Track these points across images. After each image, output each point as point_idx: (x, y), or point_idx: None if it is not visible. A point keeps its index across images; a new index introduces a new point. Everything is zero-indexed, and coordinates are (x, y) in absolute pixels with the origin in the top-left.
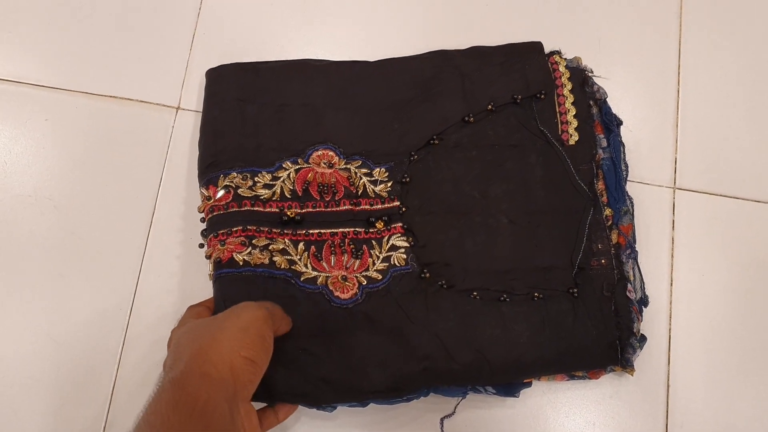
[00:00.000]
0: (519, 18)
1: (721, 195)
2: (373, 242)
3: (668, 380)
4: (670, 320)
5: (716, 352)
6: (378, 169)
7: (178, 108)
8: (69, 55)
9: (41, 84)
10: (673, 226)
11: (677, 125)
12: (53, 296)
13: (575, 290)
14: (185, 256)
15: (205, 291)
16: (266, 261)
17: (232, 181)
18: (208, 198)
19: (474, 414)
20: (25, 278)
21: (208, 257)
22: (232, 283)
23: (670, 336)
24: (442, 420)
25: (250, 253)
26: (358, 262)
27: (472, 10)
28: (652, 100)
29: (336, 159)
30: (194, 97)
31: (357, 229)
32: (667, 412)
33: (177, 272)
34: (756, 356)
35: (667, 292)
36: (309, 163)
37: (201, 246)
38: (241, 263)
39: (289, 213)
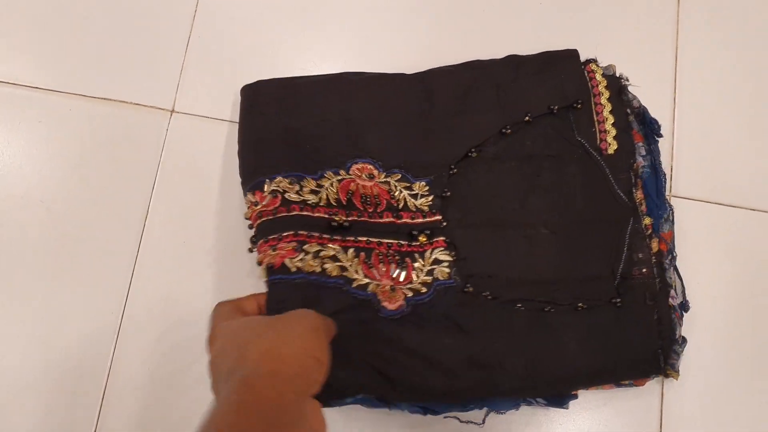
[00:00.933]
0: (516, 25)
1: (717, 203)
2: (416, 255)
3: (662, 389)
4: None
5: (711, 362)
6: (418, 183)
7: (172, 111)
8: (63, 57)
9: (35, 86)
10: None
11: (673, 133)
12: (44, 299)
13: (618, 300)
14: (178, 260)
15: (198, 296)
16: (318, 269)
17: (279, 186)
18: (255, 203)
19: (468, 426)
20: (15, 281)
21: (259, 263)
22: (286, 289)
23: None
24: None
25: (302, 259)
26: (403, 273)
27: (470, 17)
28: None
29: (375, 172)
30: (189, 100)
31: (400, 241)
32: (661, 421)
33: (169, 276)
34: (750, 366)
35: None
36: (350, 174)
37: (250, 251)
38: (293, 270)
39: (337, 219)
